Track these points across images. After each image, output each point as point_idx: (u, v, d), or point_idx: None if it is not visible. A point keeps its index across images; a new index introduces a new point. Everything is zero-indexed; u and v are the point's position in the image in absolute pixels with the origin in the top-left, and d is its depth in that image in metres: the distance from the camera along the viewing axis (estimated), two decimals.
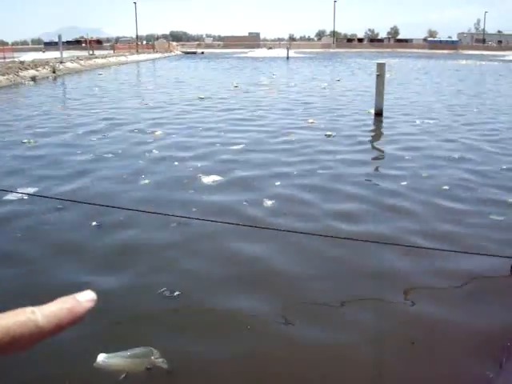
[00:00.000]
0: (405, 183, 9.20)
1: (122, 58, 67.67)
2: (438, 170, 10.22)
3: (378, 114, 16.91)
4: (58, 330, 0.56)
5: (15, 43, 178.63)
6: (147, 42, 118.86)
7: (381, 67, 16.73)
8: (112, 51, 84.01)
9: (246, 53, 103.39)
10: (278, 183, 9.18)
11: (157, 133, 14.16)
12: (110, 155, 11.51)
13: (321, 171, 10.10)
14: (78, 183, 9.27)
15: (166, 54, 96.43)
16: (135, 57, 75.64)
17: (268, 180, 9.40)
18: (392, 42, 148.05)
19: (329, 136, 13.71)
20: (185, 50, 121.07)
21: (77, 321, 0.57)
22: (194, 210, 7.60)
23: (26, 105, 21.55)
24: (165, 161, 10.96)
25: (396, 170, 10.31)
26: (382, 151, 12.45)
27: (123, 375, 3.85)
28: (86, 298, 0.59)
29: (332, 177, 9.68)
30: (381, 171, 10.49)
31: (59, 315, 0.56)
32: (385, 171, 10.40)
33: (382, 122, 16.33)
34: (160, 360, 3.99)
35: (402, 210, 7.77)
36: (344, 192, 8.73)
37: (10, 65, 37.97)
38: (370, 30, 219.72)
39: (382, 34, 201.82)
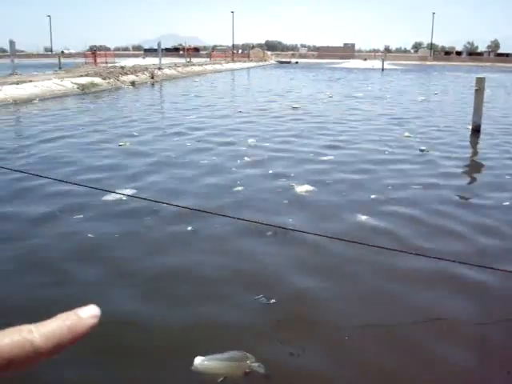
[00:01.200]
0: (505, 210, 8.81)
1: (218, 66, 69.10)
2: None
3: (476, 130, 16.35)
4: (56, 350, 0.52)
5: (117, 49, 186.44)
6: (243, 51, 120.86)
7: (480, 82, 16.21)
8: (208, 59, 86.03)
9: (340, 63, 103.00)
10: (373, 196, 9.07)
11: (249, 141, 14.31)
12: (205, 161, 11.75)
13: (414, 187, 9.87)
14: (174, 188, 9.54)
15: (260, 63, 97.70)
16: (230, 65, 77.01)
17: (360, 194, 9.31)
18: (492, 55, 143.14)
19: (423, 151, 13.38)
20: (279, 59, 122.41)
21: (78, 339, 0.54)
22: (291, 221, 7.64)
23: (122, 108, 22.43)
24: (258, 169, 11.06)
25: (493, 191, 9.85)
26: (478, 170, 12.06)
27: (221, 378, 3.90)
28: (88, 314, 0.55)
29: (424, 194, 9.41)
30: (476, 190, 10.10)
31: (58, 334, 0.52)
32: (480, 191, 9.98)
33: (479, 138, 15.78)
34: (256, 364, 4.00)
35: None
36: (434, 212, 8.47)
37: (111, 69, 39.68)
38: (469, 42, 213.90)
39: (482, 48, 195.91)
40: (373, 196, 9.03)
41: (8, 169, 8.32)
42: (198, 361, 4.00)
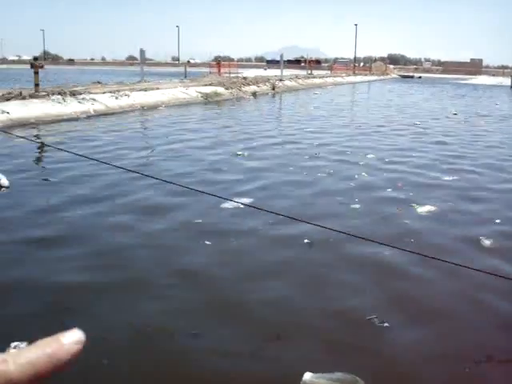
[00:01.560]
0: None
1: (339, 79, 69.01)
2: None
3: None
4: (34, 381, 0.47)
5: (240, 60, 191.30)
6: (364, 64, 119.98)
7: None
8: (329, 71, 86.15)
9: (466, 79, 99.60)
10: (498, 220, 8.60)
11: (368, 156, 14.08)
12: (323, 175, 11.69)
13: None
14: (290, 201, 9.59)
15: (381, 77, 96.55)
16: (351, 78, 76.69)
17: (482, 221, 8.87)
18: None
19: None
20: (401, 73, 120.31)
21: (59, 369, 0.49)
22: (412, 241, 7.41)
23: (242, 117, 22.91)
24: (375, 186, 10.85)
25: None
26: None
27: None
28: (71, 340, 0.50)
29: None
30: None
31: (36, 364, 0.47)
32: None
33: None
34: None
35: None
36: None
37: (234, 80, 40.76)
38: None
39: None
40: (497, 220, 8.56)
41: (124, 169, 8.63)
42: (308, 377, 3.96)
